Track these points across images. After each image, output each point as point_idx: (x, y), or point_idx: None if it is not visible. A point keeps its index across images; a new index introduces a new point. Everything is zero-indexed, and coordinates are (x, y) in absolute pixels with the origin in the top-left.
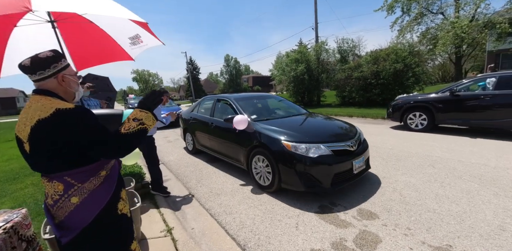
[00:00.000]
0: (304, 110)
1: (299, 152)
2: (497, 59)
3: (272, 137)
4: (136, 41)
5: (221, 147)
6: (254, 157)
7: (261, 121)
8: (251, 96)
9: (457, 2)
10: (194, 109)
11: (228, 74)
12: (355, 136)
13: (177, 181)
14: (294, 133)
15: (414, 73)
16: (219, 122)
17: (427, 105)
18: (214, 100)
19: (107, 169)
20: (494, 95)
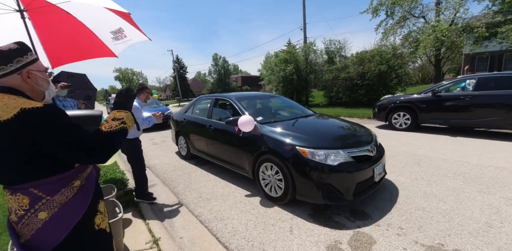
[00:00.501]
0: (310, 111)
1: (317, 159)
2: (473, 62)
3: (283, 142)
4: (119, 35)
5: (221, 152)
6: (262, 165)
7: (268, 124)
8: (253, 95)
9: (438, 6)
10: (188, 110)
11: (216, 74)
12: (373, 140)
13: (164, 186)
14: (308, 137)
15: (397, 74)
16: (219, 125)
17: (411, 105)
18: (212, 100)
19: (82, 178)
20: (474, 96)
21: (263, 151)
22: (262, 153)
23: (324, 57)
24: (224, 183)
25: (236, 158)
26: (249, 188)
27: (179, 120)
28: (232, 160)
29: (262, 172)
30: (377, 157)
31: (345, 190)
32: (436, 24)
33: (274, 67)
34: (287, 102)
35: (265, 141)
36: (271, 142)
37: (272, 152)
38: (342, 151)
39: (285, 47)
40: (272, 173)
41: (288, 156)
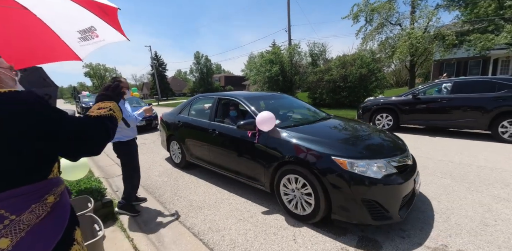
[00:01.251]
0: (323, 113)
1: (358, 171)
2: (441, 68)
3: (314, 151)
4: (88, 35)
5: (228, 161)
6: (284, 177)
7: (288, 129)
8: (262, 95)
9: (413, 15)
10: (183, 111)
11: (198, 73)
12: (406, 146)
13: (148, 195)
14: (342, 144)
15: (376, 78)
16: (227, 129)
17: (393, 107)
18: (215, 100)
19: (56, 193)
20: (450, 98)
21: (287, 160)
22: (284, 163)
23: (308, 59)
24: (216, 189)
25: (248, 168)
26: (244, 194)
27: (171, 123)
28: (243, 170)
29: (284, 185)
30: (414, 164)
31: (391, 207)
32: (411, 31)
33: (259, 67)
34: (297, 103)
35: (289, 148)
36: (296, 150)
37: (299, 162)
38: (384, 161)
39: (270, 48)
40: (297, 187)
41: (321, 167)
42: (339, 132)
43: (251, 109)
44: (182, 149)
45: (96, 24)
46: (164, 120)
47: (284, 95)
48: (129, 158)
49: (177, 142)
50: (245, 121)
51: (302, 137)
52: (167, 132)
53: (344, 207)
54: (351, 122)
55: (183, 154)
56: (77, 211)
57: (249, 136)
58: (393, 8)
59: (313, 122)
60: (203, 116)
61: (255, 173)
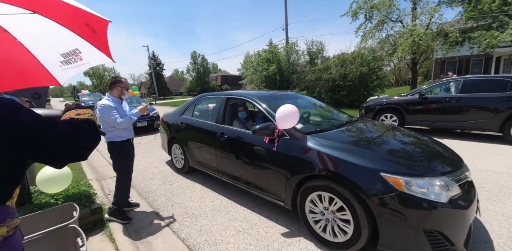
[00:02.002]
0: (345, 114)
1: (417, 192)
2: (443, 66)
3: (356, 164)
4: (71, 58)
5: (239, 170)
6: (312, 194)
7: (314, 135)
8: (276, 95)
9: (414, 11)
10: (186, 111)
11: (195, 72)
12: (461, 158)
13: (141, 199)
14: (390, 157)
15: (377, 76)
16: (238, 133)
17: (398, 107)
18: (222, 100)
19: (10, 226)
20: (459, 98)
21: (316, 174)
22: (312, 177)
23: (306, 57)
24: (213, 195)
25: (264, 180)
26: (243, 201)
27: (173, 124)
28: (257, 181)
29: (311, 203)
30: (472, 180)
31: (456, 238)
32: (413, 28)
33: (256, 66)
34: (315, 103)
35: (319, 160)
36: (329, 162)
37: (334, 178)
38: (446, 178)
39: (266, 47)
40: (328, 207)
41: (366, 186)
42: (378, 139)
43: (267, 111)
44: (185, 153)
45: (81, 46)
46: (166, 122)
47: (298, 94)
48: (120, 160)
49: (179, 146)
50: (262, 126)
51: (336, 145)
52: (168, 134)
53: (396, 238)
54: (384, 127)
55: (186, 158)
56: (60, 221)
57: (266, 142)
58: (394, 5)
59: (340, 126)
60: (209, 118)
61: (273, 186)
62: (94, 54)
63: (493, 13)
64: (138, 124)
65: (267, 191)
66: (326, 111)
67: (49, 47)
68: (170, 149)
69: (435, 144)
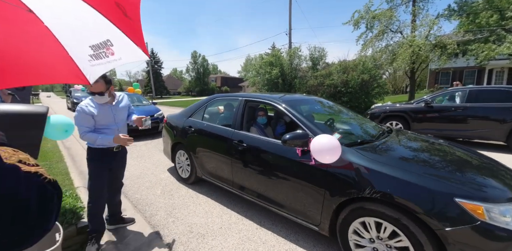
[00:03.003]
0: (371, 121)
1: (500, 222)
2: (437, 76)
3: (421, 187)
4: (102, 52)
5: (260, 184)
6: (358, 219)
7: (357, 148)
8: (302, 99)
9: (414, 23)
10: (195, 113)
11: (194, 72)
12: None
13: (136, 213)
14: (461, 177)
15: (378, 84)
16: (261, 141)
17: (403, 114)
18: (240, 102)
19: None
20: (465, 107)
21: (366, 197)
22: (359, 199)
23: (308, 63)
24: (220, 209)
25: (294, 199)
26: (255, 216)
27: (179, 128)
28: (285, 200)
29: (355, 231)
30: None
31: None
32: (413, 39)
33: (259, 69)
34: (340, 109)
35: (369, 179)
36: (385, 182)
37: (390, 203)
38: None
39: (269, 50)
40: (379, 235)
41: (436, 215)
42: (436, 156)
43: (296, 117)
44: (192, 161)
45: (113, 37)
46: (170, 124)
47: (322, 99)
48: (93, 172)
49: (185, 152)
50: (294, 135)
51: (390, 162)
52: (173, 138)
53: None
54: (430, 140)
55: (193, 167)
56: (39, 246)
57: (299, 154)
58: (394, 16)
59: (378, 137)
60: (222, 122)
61: (305, 207)
62: (128, 48)
63: (491, 27)
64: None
65: (297, 212)
66: (352, 118)
67: (78, 36)
68: (174, 156)
69: (489, 160)
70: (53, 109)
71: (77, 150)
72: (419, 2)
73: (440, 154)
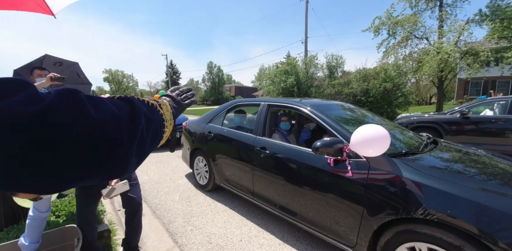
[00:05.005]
0: (408, 130)
1: None
2: (466, 86)
3: (493, 210)
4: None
5: (284, 195)
6: (405, 244)
7: (402, 158)
8: (330, 104)
9: (441, 29)
10: (215, 119)
11: (210, 82)
12: None
13: (155, 219)
14: None
15: (402, 93)
16: (286, 149)
17: (436, 126)
18: (262, 107)
19: None
20: (508, 119)
21: (418, 218)
22: (407, 220)
23: (325, 71)
24: (240, 220)
25: (324, 215)
26: (277, 229)
27: (198, 134)
28: (313, 215)
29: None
30: None
31: None
32: (440, 46)
33: (274, 77)
34: (365, 113)
35: (421, 197)
36: (440, 200)
37: (448, 227)
38: None
39: (284, 59)
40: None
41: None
42: (495, 170)
43: (327, 123)
44: (210, 168)
45: None
46: (189, 130)
47: (351, 105)
48: (79, 197)
49: (204, 159)
50: (326, 142)
51: (446, 177)
52: (191, 144)
53: None
54: (481, 153)
55: (212, 174)
56: (58, 250)
57: (331, 164)
58: (419, 22)
59: (424, 148)
60: (245, 129)
61: (337, 224)
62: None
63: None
64: None
65: (326, 230)
66: (384, 125)
67: None
68: (193, 161)
69: None
70: None
71: None
72: (446, 7)
73: (498, 170)
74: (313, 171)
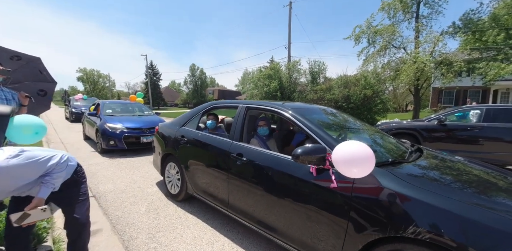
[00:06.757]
0: (390, 136)
1: None
2: (440, 95)
3: (496, 230)
4: None
5: (262, 208)
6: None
7: (388, 168)
8: (311, 108)
9: (417, 39)
10: (189, 122)
11: (192, 85)
12: None
13: (113, 235)
14: None
15: (381, 100)
16: (264, 156)
17: (414, 132)
18: (240, 110)
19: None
20: (483, 127)
21: (408, 237)
22: (396, 238)
23: (308, 77)
24: (212, 234)
25: (305, 230)
26: (253, 245)
27: (171, 137)
28: (293, 230)
29: None
30: None
31: None
32: (417, 56)
33: (257, 81)
34: (348, 118)
35: (411, 211)
36: (434, 217)
37: (443, 247)
38: None
39: (267, 64)
40: None
41: None
42: (498, 186)
43: (310, 128)
44: (183, 176)
45: None
46: (161, 133)
47: (333, 110)
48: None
49: (176, 165)
50: (308, 149)
51: (441, 191)
52: (163, 149)
53: None
54: (472, 164)
55: (184, 182)
56: None
57: (313, 173)
58: (397, 32)
59: (409, 157)
60: (221, 133)
61: (318, 241)
62: None
63: (499, 45)
64: (143, 140)
65: (307, 247)
66: (366, 131)
67: None
68: (164, 168)
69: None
70: (49, 118)
71: None
72: (422, 18)
73: (495, 183)
74: (294, 180)
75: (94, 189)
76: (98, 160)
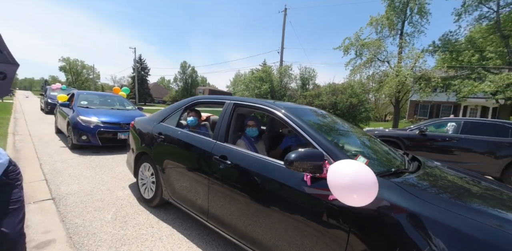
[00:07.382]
0: (382, 143)
1: None
2: (416, 108)
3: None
4: None
5: (247, 220)
6: None
7: (392, 179)
8: (305, 109)
9: (400, 55)
10: (168, 118)
11: (182, 82)
12: None
13: (68, 249)
14: None
15: (366, 109)
16: (252, 160)
17: (397, 141)
18: (227, 107)
19: None
20: (460, 138)
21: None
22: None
23: (298, 82)
24: (187, 247)
25: (297, 246)
26: None
27: (147, 134)
28: (283, 245)
29: None
30: None
31: None
32: (400, 70)
33: (248, 83)
34: (339, 121)
35: (424, 232)
36: (450, 240)
37: None
38: None
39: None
40: None
41: None
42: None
43: (305, 129)
44: (158, 179)
45: None
46: (137, 129)
47: (323, 111)
48: None
49: (151, 166)
50: (303, 154)
51: (456, 209)
52: (138, 146)
53: None
54: (473, 177)
55: (159, 186)
56: None
57: (308, 182)
58: (382, 46)
59: (409, 167)
60: (203, 132)
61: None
62: None
63: (473, 65)
64: (120, 136)
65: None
66: (361, 136)
67: None
68: (137, 169)
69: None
70: (23, 108)
71: (28, 152)
72: (405, 36)
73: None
74: (285, 189)
75: (55, 190)
76: (67, 156)
